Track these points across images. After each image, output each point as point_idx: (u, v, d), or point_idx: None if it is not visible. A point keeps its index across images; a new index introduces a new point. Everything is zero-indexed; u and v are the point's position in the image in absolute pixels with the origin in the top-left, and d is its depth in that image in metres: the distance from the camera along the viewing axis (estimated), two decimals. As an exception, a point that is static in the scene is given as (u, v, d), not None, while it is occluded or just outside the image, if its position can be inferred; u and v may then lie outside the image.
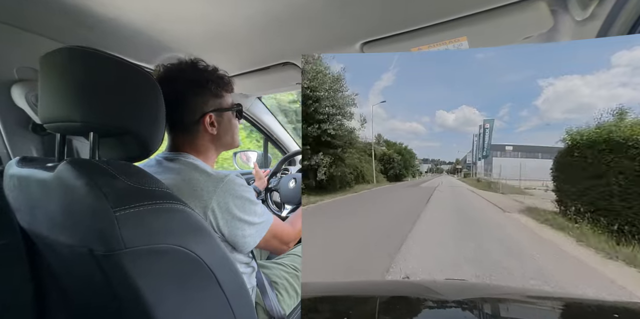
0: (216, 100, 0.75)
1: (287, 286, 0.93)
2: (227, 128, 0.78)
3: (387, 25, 0.86)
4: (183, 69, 0.72)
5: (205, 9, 0.78)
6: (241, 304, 0.62)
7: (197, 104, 0.72)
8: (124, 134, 0.55)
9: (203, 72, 0.73)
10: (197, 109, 0.72)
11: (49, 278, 0.73)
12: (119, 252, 0.44)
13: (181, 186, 0.63)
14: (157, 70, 0.73)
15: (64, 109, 0.51)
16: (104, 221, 0.43)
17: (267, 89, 1.53)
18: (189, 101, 0.71)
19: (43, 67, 0.53)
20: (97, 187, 0.44)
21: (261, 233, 0.71)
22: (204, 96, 0.73)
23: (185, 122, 0.72)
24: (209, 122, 0.74)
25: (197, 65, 0.73)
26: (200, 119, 0.73)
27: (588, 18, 0.72)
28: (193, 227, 0.54)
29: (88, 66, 0.51)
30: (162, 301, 0.50)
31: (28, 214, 0.60)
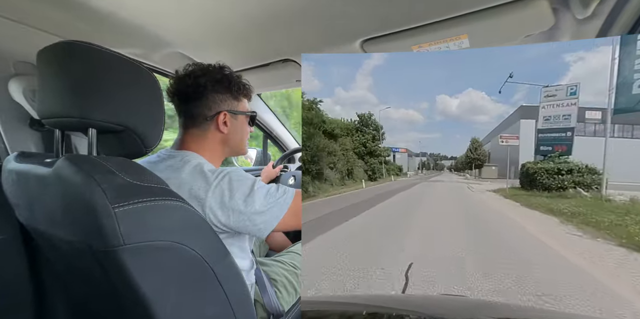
0: (234, 102, 0.79)
1: (286, 283, 0.93)
2: (238, 131, 0.80)
3: (387, 23, 0.86)
4: (210, 69, 0.76)
5: (205, 4, 0.77)
6: (240, 301, 0.62)
7: (216, 100, 0.75)
8: (122, 130, 0.54)
9: (228, 75, 0.77)
10: (215, 106, 0.75)
11: (48, 274, 0.73)
12: (118, 248, 0.44)
13: (179, 184, 0.63)
14: (186, 68, 0.76)
15: (62, 104, 0.51)
16: (102, 217, 0.43)
17: (267, 86, 1.53)
18: (209, 96, 0.74)
19: (41, 62, 0.52)
20: (96, 183, 0.43)
21: (279, 215, 0.68)
22: (224, 94, 0.76)
23: (200, 116, 0.74)
24: (223, 120, 0.76)
25: (223, 69, 0.77)
26: (215, 116, 0.75)
27: (589, 16, 0.72)
28: (192, 224, 0.54)
29: (86, 61, 0.51)
30: (161, 297, 0.50)
31: (27, 209, 0.60)
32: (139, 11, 0.81)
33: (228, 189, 0.65)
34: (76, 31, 0.88)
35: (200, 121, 0.75)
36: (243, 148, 0.84)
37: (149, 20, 0.86)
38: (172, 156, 0.72)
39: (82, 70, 0.50)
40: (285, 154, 1.54)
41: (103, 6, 0.77)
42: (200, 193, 0.63)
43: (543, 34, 0.84)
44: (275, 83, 1.44)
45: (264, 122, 1.83)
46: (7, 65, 0.82)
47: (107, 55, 0.52)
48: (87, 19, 0.83)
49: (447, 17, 0.81)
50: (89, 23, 0.85)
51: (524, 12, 0.75)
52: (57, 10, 0.78)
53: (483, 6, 0.76)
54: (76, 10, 0.78)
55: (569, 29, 0.80)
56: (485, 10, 0.77)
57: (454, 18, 0.81)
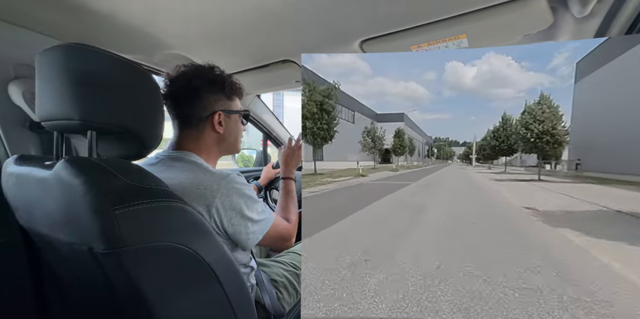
0: (227, 101, 0.79)
1: (287, 284, 0.93)
2: (233, 130, 0.81)
3: (386, 23, 0.86)
4: (201, 70, 0.77)
5: (204, 6, 0.78)
6: (241, 302, 0.62)
7: (210, 101, 0.76)
8: (122, 132, 0.54)
9: (219, 75, 0.78)
10: (209, 106, 0.76)
11: (49, 276, 0.73)
12: (118, 250, 0.44)
13: (185, 185, 0.63)
14: (177, 69, 0.76)
15: (62, 107, 0.51)
16: (103, 219, 0.43)
17: (267, 87, 1.53)
18: (203, 97, 0.75)
19: (40, 65, 0.52)
20: (96, 185, 0.44)
21: (264, 230, 0.72)
22: (217, 95, 0.77)
23: (195, 118, 0.75)
24: (217, 120, 0.76)
25: (214, 69, 0.78)
26: (209, 116, 0.76)
27: (588, 15, 0.73)
28: (193, 226, 0.54)
29: (86, 63, 0.51)
30: (162, 298, 0.50)
31: (27, 212, 0.60)
32: (138, 13, 0.81)
33: (236, 192, 0.66)
34: (75, 33, 0.88)
35: (196, 122, 0.75)
36: (237, 146, 0.85)
37: (148, 22, 0.86)
38: (172, 157, 0.72)
39: (81, 72, 0.50)
40: None
41: (102, 8, 0.77)
42: (207, 193, 0.63)
43: (541, 33, 0.84)
44: (274, 84, 1.44)
45: (264, 123, 1.83)
46: (7, 68, 0.82)
47: (107, 57, 0.52)
48: (86, 22, 0.83)
49: (445, 17, 0.81)
50: (88, 25, 0.85)
51: (522, 11, 0.75)
52: (57, 13, 0.78)
53: (481, 6, 0.76)
54: (75, 13, 0.78)
55: (567, 28, 0.80)
56: (484, 9, 0.77)
57: (452, 18, 0.81)
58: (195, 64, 0.78)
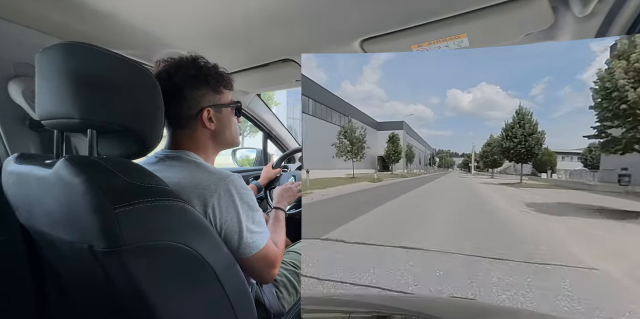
0: (215, 95, 0.75)
1: (287, 283, 0.93)
2: (226, 125, 0.78)
3: (387, 22, 0.86)
4: (183, 64, 0.72)
5: (204, 5, 0.77)
6: (241, 301, 0.62)
7: (195, 98, 0.72)
8: (122, 130, 0.54)
9: (202, 68, 0.73)
10: (195, 104, 0.72)
11: (49, 275, 0.73)
12: (118, 248, 0.44)
13: (183, 185, 0.63)
14: (157, 65, 0.73)
15: (62, 105, 0.51)
16: (103, 218, 0.43)
17: (267, 86, 1.52)
18: (187, 94, 0.71)
19: (40, 63, 0.52)
20: (97, 184, 0.43)
21: (259, 244, 0.67)
22: (202, 91, 0.72)
23: (183, 117, 0.72)
24: (207, 117, 0.73)
25: (197, 61, 0.73)
26: (198, 114, 0.73)
27: (589, 15, 0.72)
28: (193, 225, 0.54)
29: (86, 62, 0.51)
30: (162, 297, 0.50)
31: (27, 210, 0.60)
32: (138, 12, 0.81)
33: (236, 194, 0.65)
34: (76, 32, 0.88)
35: (185, 121, 0.72)
36: (235, 140, 0.82)
37: (149, 21, 0.86)
38: (171, 156, 0.71)
39: (81, 71, 0.50)
40: (285, 154, 1.53)
41: (103, 7, 0.77)
42: (205, 193, 0.63)
43: (542, 32, 0.84)
44: (275, 83, 1.44)
45: (264, 122, 1.83)
46: (7, 67, 0.82)
47: (107, 56, 0.52)
48: (86, 20, 0.83)
49: (446, 16, 0.81)
50: (88, 24, 0.85)
51: (523, 10, 0.74)
52: (57, 12, 0.78)
53: (482, 5, 0.76)
54: (76, 12, 0.78)
55: (568, 28, 0.80)
56: (485, 9, 0.77)
57: (453, 17, 0.81)
58: (176, 58, 0.73)
